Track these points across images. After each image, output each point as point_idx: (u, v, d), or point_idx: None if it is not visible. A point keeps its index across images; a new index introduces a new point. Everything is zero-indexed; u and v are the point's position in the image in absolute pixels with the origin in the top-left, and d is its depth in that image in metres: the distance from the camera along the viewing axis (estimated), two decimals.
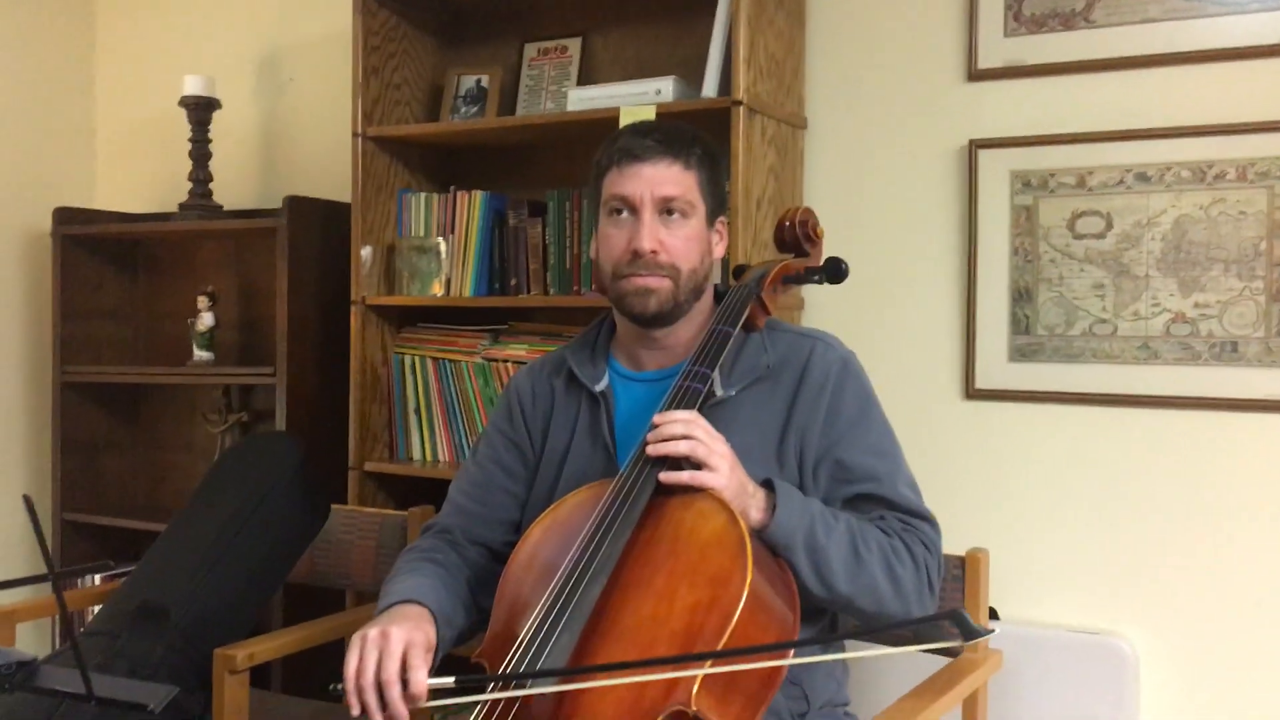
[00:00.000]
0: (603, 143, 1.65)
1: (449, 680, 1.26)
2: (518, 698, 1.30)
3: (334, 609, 2.38)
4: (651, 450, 1.43)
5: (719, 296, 1.69)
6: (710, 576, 1.33)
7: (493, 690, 1.32)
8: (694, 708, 1.25)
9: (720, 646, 1.26)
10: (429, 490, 2.54)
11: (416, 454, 2.68)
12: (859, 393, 1.61)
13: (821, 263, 1.70)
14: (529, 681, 1.28)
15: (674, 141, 1.60)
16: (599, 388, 1.66)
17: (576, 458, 1.65)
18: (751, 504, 1.44)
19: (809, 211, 1.74)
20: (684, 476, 1.41)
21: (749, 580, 1.30)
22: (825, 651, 1.62)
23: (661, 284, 1.58)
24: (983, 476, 2.32)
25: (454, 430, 2.64)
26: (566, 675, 1.29)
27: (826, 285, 1.71)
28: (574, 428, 1.67)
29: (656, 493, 1.43)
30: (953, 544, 1.91)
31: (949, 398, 2.35)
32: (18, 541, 3.23)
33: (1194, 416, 2.16)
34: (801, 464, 1.57)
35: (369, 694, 1.33)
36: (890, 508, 1.56)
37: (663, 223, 1.58)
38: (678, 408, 1.48)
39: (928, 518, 1.58)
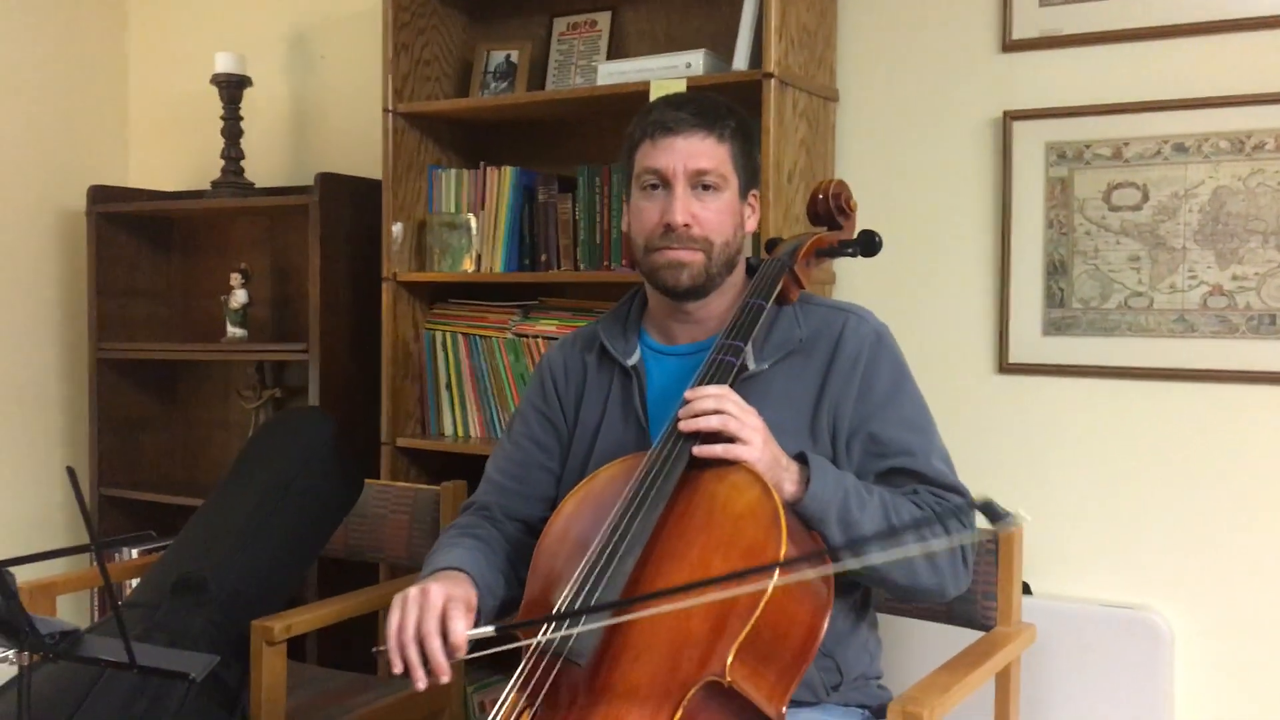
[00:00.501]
0: (635, 116, 1.65)
1: (489, 630, 1.28)
2: (557, 661, 1.30)
3: (368, 583, 2.40)
4: (684, 426, 1.43)
5: (751, 270, 1.69)
6: (744, 549, 1.33)
7: (539, 633, 1.33)
8: (729, 678, 1.25)
9: (755, 616, 1.27)
10: (461, 466, 2.56)
11: (448, 430, 2.69)
12: (893, 366, 1.61)
13: (855, 235, 1.69)
14: (570, 622, 1.29)
15: (708, 114, 1.59)
16: (631, 361, 1.66)
17: (609, 432, 1.65)
18: (785, 477, 1.44)
19: (842, 184, 1.73)
20: (717, 449, 1.40)
21: (783, 553, 1.30)
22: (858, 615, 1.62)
23: (694, 257, 1.58)
24: (1016, 451, 2.30)
25: (485, 406, 2.65)
26: (615, 608, 1.30)
27: (860, 259, 1.70)
28: (606, 402, 1.67)
29: (690, 466, 1.43)
30: (985, 522, 1.90)
31: (982, 372, 2.34)
32: (58, 516, 3.27)
33: (1231, 390, 2.13)
34: (835, 438, 1.57)
35: (410, 649, 1.34)
36: (924, 482, 1.56)
37: (696, 196, 1.58)
38: (711, 382, 1.48)
39: (962, 492, 1.57)
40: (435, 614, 1.36)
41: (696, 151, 1.57)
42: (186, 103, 3.35)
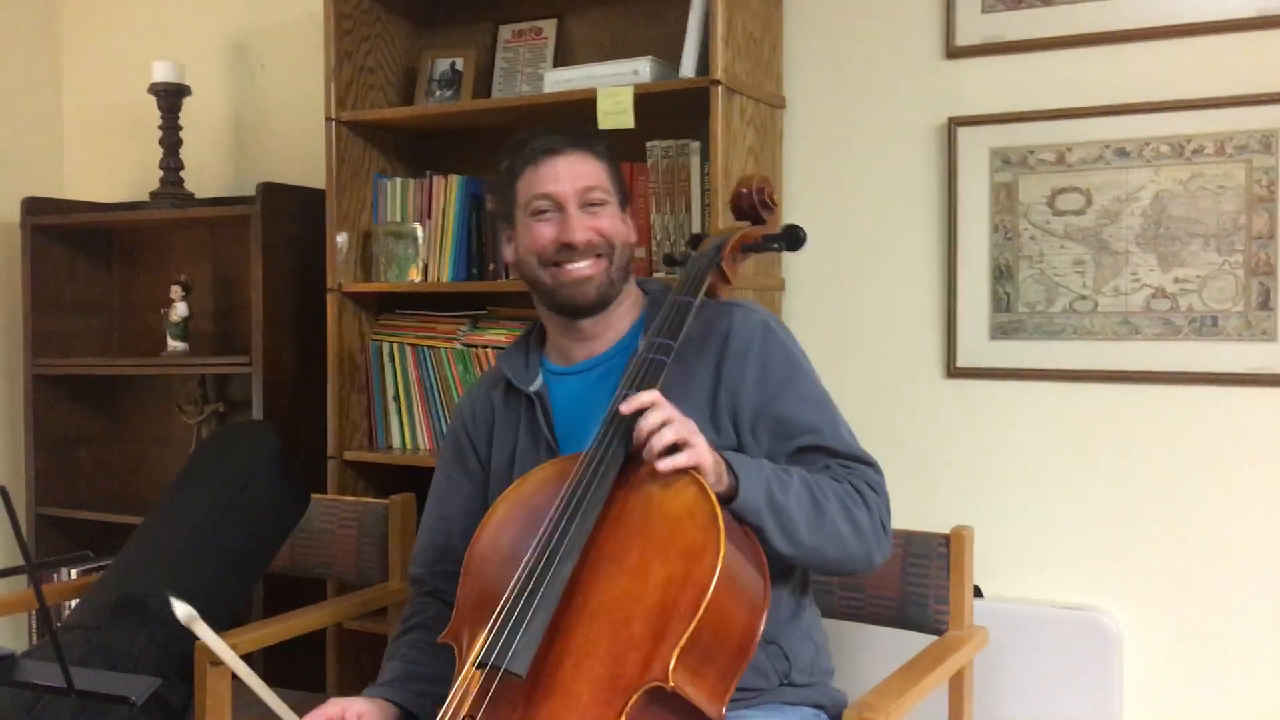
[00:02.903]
0: (505, 150, 1.68)
1: None
2: (496, 675, 1.29)
3: (314, 599, 2.36)
4: (651, 449, 1.38)
5: (644, 285, 1.73)
6: (683, 550, 1.33)
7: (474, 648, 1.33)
8: (672, 683, 1.25)
9: (696, 619, 1.26)
10: (409, 478, 2.52)
11: (396, 442, 2.65)
12: (784, 350, 1.63)
13: (780, 229, 1.70)
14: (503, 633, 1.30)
15: (581, 136, 1.65)
16: (534, 388, 1.67)
17: (523, 461, 1.66)
18: (723, 473, 1.44)
19: (765, 179, 1.74)
20: (680, 460, 1.38)
21: (722, 552, 1.30)
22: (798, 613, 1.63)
23: (597, 267, 1.61)
24: (965, 455, 2.32)
25: (434, 417, 2.62)
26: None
27: (786, 253, 1.73)
28: (517, 433, 1.68)
29: (622, 468, 1.43)
30: (936, 522, 1.91)
31: (930, 376, 2.35)
32: None
33: (1175, 391, 2.16)
34: (738, 427, 1.58)
35: None
36: (833, 456, 1.58)
37: (587, 213, 1.62)
38: (643, 382, 1.47)
39: (869, 461, 1.60)
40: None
41: (580, 171, 1.62)
42: (123, 112, 3.28)
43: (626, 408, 1.41)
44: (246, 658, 2.02)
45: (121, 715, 1.63)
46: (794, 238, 1.68)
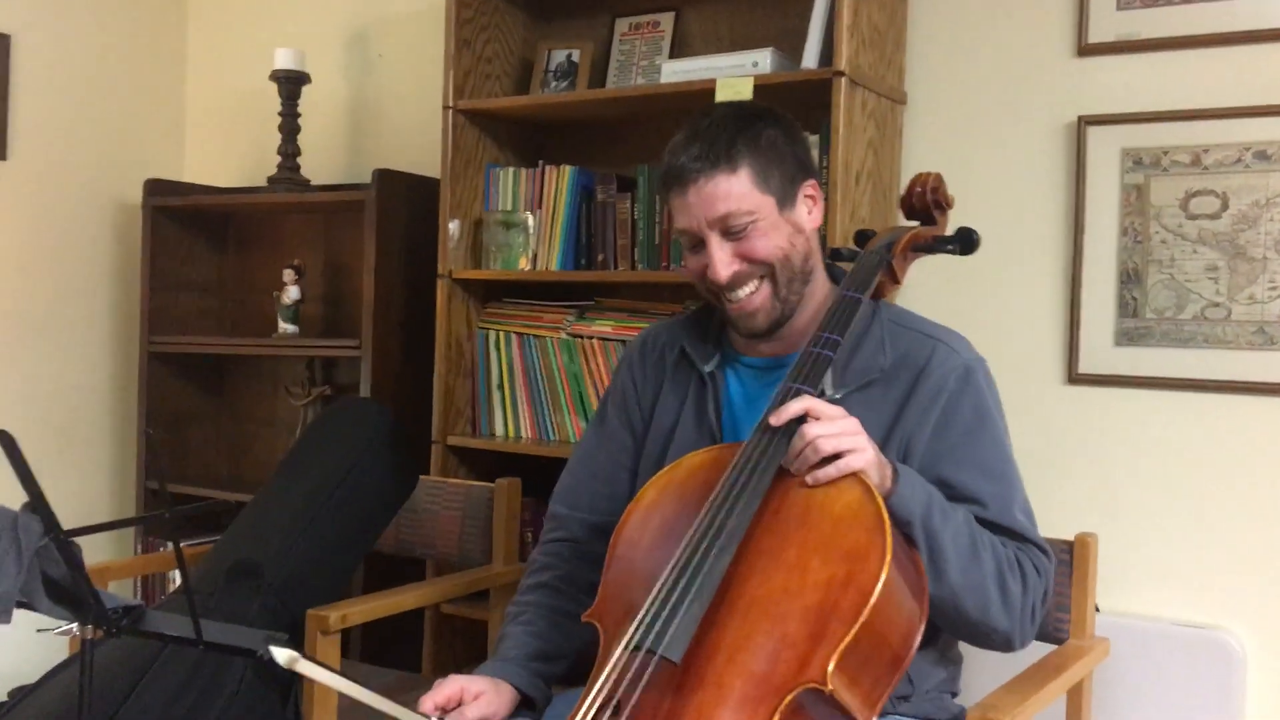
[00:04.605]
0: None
1: None
2: (651, 659, 1.24)
3: (412, 579, 2.37)
4: (801, 463, 1.33)
5: (835, 268, 1.63)
6: (846, 551, 1.26)
7: (628, 629, 1.28)
8: (830, 686, 1.19)
9: (858, 624, 1.20)
10: (511, 466, 2.52)
11: (499, 430, 2.66)
12: (976, 404, 1.50)
13: (952, 232, 1.61)
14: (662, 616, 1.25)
15: (713, 148, 1.47)
16: (708, 368, 1.60)
17: (682, 440, 1.59)
18: (887, 476, 1.37)
19: (940, 178, 1.64)
20: (830, 471, 1.32)
21: (889, 557, 1.24)
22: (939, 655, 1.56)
23: (759, 296, 1.50)
24: (1085, 464, 2.24)
25: (537, 407, 2.62)
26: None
27: (956, 257, 1.61)
28: (681, 407, 1.62)
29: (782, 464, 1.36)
30: (1052, 534, 1.84)
31: (1051, 382, 2.28)
32: (100, 508, 3.27)
33: None
34: None
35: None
36: (998, 532, 1.46)
37: (731, 239, 1.48)
38: (807, 377, 1.40)
39: (1041, 546, 1.50)
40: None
41: (711, 198, 1.46)
42: (244, 99, 3.35)
43: (776, 420, 1.34)
44: (345, 634, 2.04)
45: (235, 675, 1.64)
46: (968, 241, 1.57)
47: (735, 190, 1.46)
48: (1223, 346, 2.13)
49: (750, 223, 1.47)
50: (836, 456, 1.32)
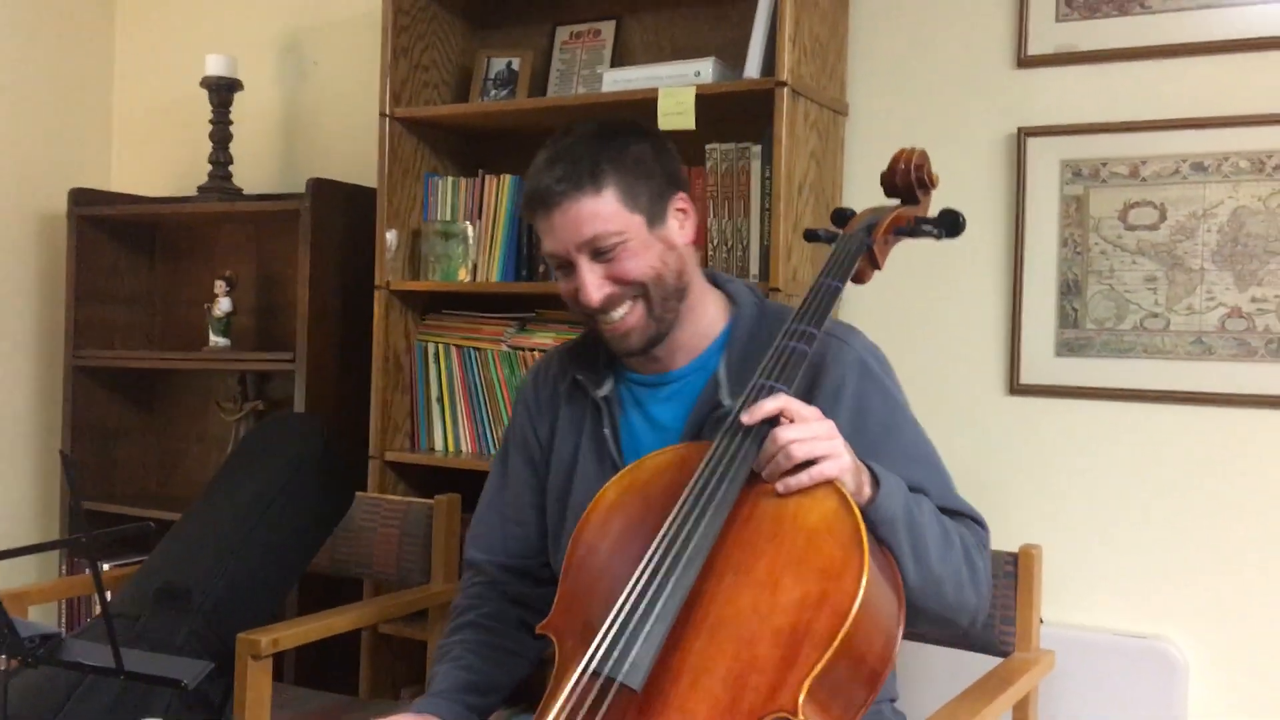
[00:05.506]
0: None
1: None
2: (610, 686, 1.18)
3: (349, 600, 2.31)
4: (773, 469, 1.27)
5: (716, 279, 1.59)
6: (820, 568, 1.20)
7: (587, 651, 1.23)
8: (800, 717, 1.13)
9: (832, 648, 1.14)
10: (450, 481, 2.47)
11: (439, 444, 2.61)
12: (884, 395, 1.47)
13: (936, 214, 1.52)
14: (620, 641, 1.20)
15: (576, 167, 1.42)
16: (602, 393, 1.56)
17: (585, 468, 1.55)
18: (864, 480, 1.31)
19: (924, 154, 1.55)
20: (803, 479, 1.25)
21: (865, 576, 1.18)
22: None
23: (633, 316, 1.45)
24: (1027, 474, 2.25)
25: (477, 420, 2.57)
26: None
27: (943, 240, 1.53)
28: (580, 436, 1.58)
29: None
30: (998, 544, 1.83)
31: (992, 392, 2.28)
32: (19, 530, 3.15)
33: (1249, 415, 2.08)
34: None
35: None
36: (946, 514, 1.43)
37: (600, 261, 1.43)
38: (781, 372, 1.34)
39: (982, 522, 1.49)
40: None
41: (577, 221, 1.41)
42: (174, 106, 3.27)
43: (748, 418, 1.27)
44: (279, 657, 1.98)
45: (159, 708, 1.58)
46: (953, 224, 1.49)
47: (602, 211, 1.41)
48: (1162, 356, 2.14)
49: (619, 243, 1.42)
50: (810, 463, 1.26)
